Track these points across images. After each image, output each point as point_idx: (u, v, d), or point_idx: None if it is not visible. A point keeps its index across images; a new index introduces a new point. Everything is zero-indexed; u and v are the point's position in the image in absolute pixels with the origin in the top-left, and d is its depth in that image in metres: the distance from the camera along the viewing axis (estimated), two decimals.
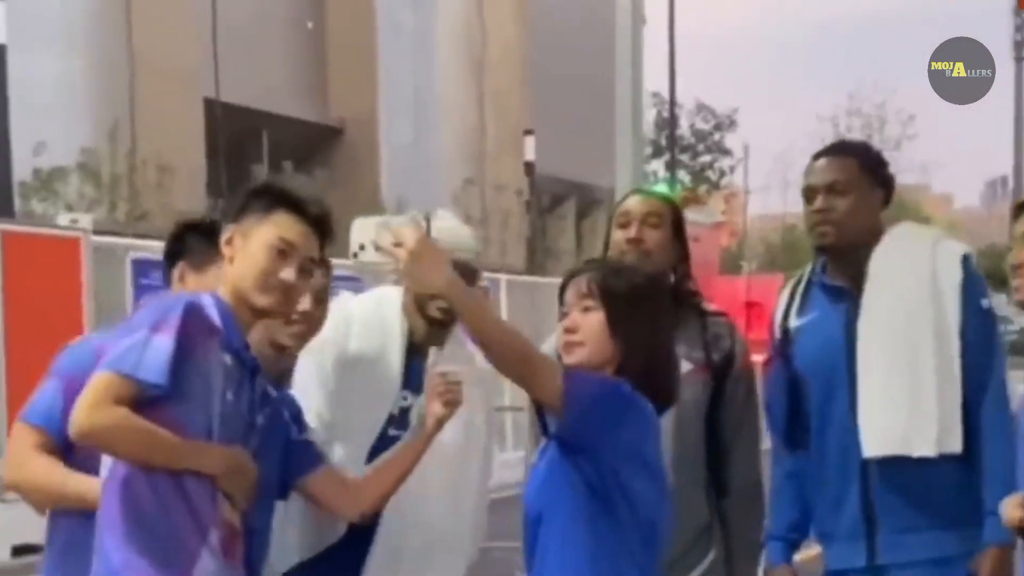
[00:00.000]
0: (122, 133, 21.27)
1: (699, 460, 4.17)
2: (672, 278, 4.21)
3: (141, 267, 12.62)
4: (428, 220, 3.21)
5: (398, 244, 3.14)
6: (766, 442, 4.31)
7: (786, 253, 46.61)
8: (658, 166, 46.60)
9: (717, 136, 55.26)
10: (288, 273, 3.29)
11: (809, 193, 4.14)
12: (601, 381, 3.27)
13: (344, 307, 4.05)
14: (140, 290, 12.44)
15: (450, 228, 4.04)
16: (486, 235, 31.36)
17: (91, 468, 3.36)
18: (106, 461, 3.29)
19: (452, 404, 3.74)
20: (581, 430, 3.21)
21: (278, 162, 25.25)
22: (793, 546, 4.24)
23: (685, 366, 4.02)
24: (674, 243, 4.21)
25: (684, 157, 53.02)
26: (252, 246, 3.31)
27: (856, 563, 4.07)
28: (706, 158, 55.03)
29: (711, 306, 4.32)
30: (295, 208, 3.34)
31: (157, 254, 13.54)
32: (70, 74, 21.46)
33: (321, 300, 3.71)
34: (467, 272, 3.96)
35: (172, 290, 3.63)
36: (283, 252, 3.30)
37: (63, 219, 12.94)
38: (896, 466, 3.97)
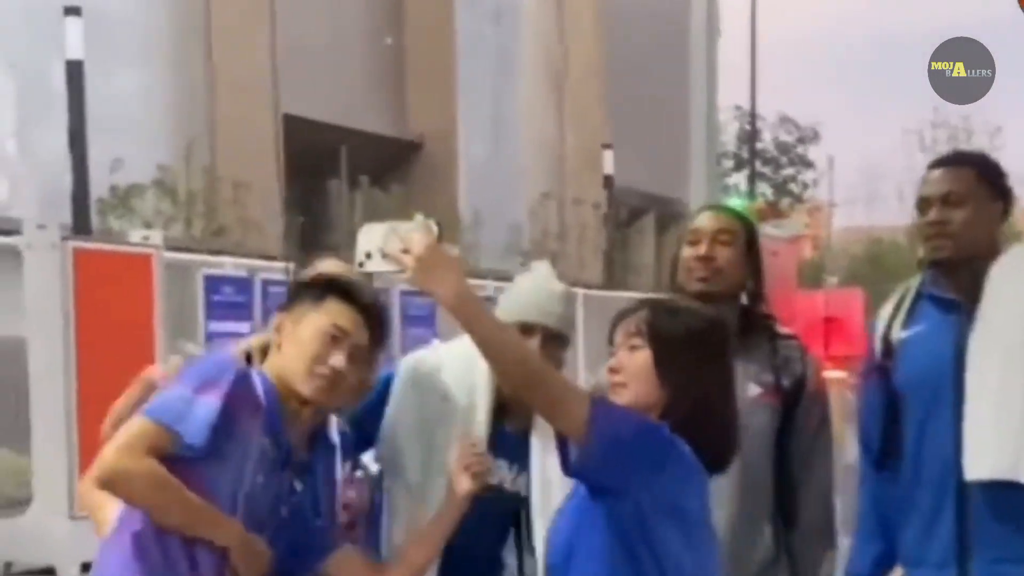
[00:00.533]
0: (199, 149, 21.34)
1: (766, 490, 4.00)
2: (744, 298, 4.07)
3: (213, 283, 12.63)
4: (440, 226, 3.05)
5: (406, 251, 2.98)
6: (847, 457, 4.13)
7: (870, 266, 46.05)
8: (740, 179, 46.30)
9: (800, 149, 54.84)
10: (338, 359, 3.29)
11: (923, 204, 3.97)
12: (638, 420, 3.05)
13: (434, 355, 3.90)
14: (212, 306, 12.45)
15: (535, 287, 3.85)
16: (563, 249, 31.24)
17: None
18: (117, 512, 3.27)
19: (479, 477, 3.57)
20: (604, 467, 3.00)
21: (356, 177, 25.19)
22: None
23: (753, 390, 3.94)
24: (746, 261, 4.07)
25: (767, 170, 52.63)
26: (304, 332, 3.32)
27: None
28: (789, 171, 54.63)
29: (783, 329, 4.15)
30: (347, 296, 3.34)
31: (229, 270, 13.69)
32: (148, 90, 21.59)
33: (358, 360, 3.46)
34: (555, 340, 3.79)
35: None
36: (336, 338, 3.30)
37: (136, 236, 12.94)
38: (999, 491, 3.78)
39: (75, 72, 14.90)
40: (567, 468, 3.06)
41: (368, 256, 3.01)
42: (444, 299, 2.92)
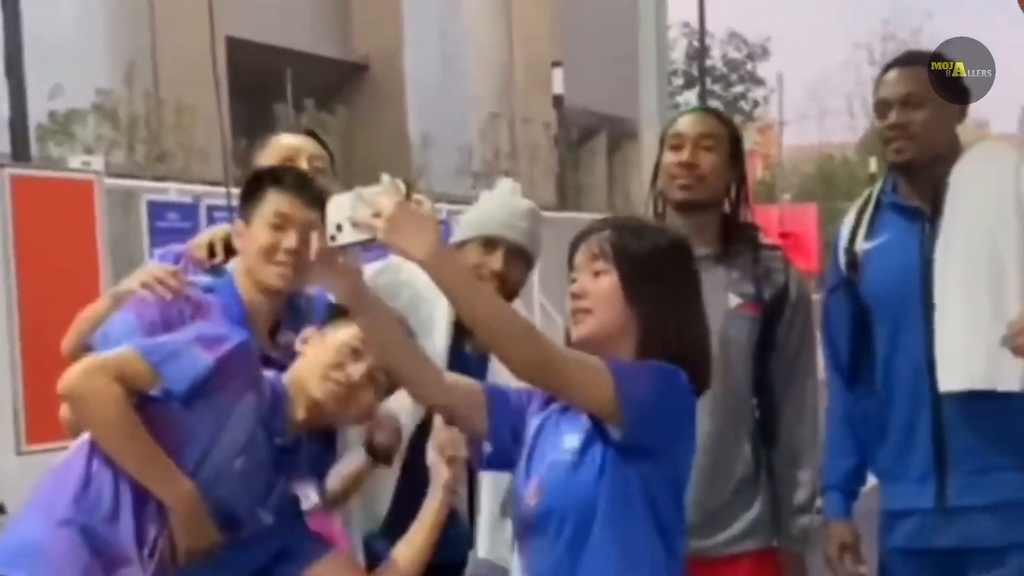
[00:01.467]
0: (140, 73, 20.98)
1: (746, 405, 3.89)
2: (727, 205, 3.95)
3: (157, 210, 12.42)
4: (408, 185, 2.83)
5: (377, 215, 2.78)
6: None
7: (821, 184, 46.18)
8: (690, 97, 46.22)
9: (750, 66, 54.84)
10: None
11: (882, 107, 3.85)
12: (657, 374, 2.83)
13: (397, 271, 3.79)
14: (157, 233, 12.25)
15: (500, 202, 3.74)
16: (514, 170, 31.04)
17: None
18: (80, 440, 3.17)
19: (453, 461, 3.37)
20: (647, 434, 2.80)
21: (301, 100, 24.89)
22: (852, 496, 3.98)
23: (733, 300, 3.83)
24: (730, 167, 3.92)
25: (716, 88, 52.59)
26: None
27: (923, 504, 3.80)
28: (739, 88, 54.66)
29: (766, 239, 4.01)
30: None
31: (173, 196, 13.43)
32: (86, 13, 21.17)
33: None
34: (518, 257, 3.65)
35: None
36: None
37: (76, 162, 12.68)
38: (974, 402, 3.68)
39: None
40: (606, 439, 2.83)
41: (339, 228, 2.85)
42: (419, 258, 2.71)
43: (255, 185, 3.54)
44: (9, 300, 10.65)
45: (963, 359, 3.67)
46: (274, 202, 3.48)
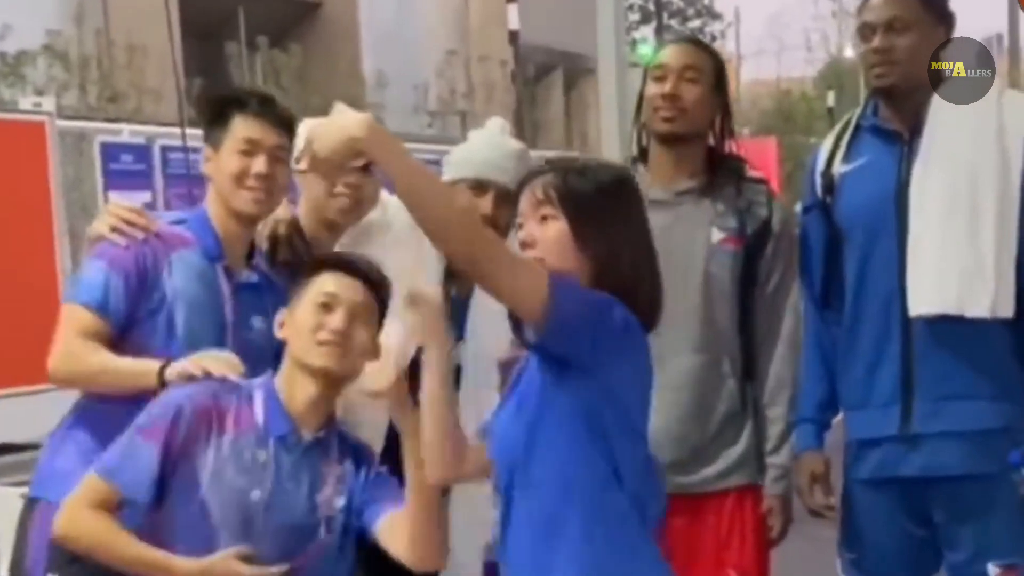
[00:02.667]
0: (90, 14, 20.72)
1: (730, 341, 3.84)
2: (711, 138, 3.89)
3: (110, 151, 12.25)
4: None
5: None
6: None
7: (780, 119, 46.17)
8: (647, 32, 46.06)
9: (707, 0, 54.64)
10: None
11: (865, 31, 3.78)
12: (595, 296, 2.78)
13: (384, 208, 3.71)
14: (110, 175, 12.09)
15: (489, 144, 3.70)
16: (471, 108, 30.89)
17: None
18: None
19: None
20: (569, 341, 2.73)
21: (254, 39, 24.64)
22: (824, 427, 3.93)
23: (717, 234, 3.78)
24: (714, 98, 3.86)
25: (673, 22, 52.41)
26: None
27: (887, 431, 3.75)
28: (696, 23, 54.48)
29: (751, 171, 3.94)
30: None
31: (126, 137, 13.18)
32: None
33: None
34: (507, 200, 3.55)
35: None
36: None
37: (26, 103, 12.48)
38: (943, 327, 3.64)
39: None
40: (523, 339, 2.78)
41: (297, 161, 2.84)
42: (354, 134, 2.62)
43: (220, 111, 3.47)
44: None
45: (935, 283, 3.63)
46: (241, 127, 3.41)
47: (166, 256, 3.36)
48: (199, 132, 3.57)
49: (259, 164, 3.39)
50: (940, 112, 3.71)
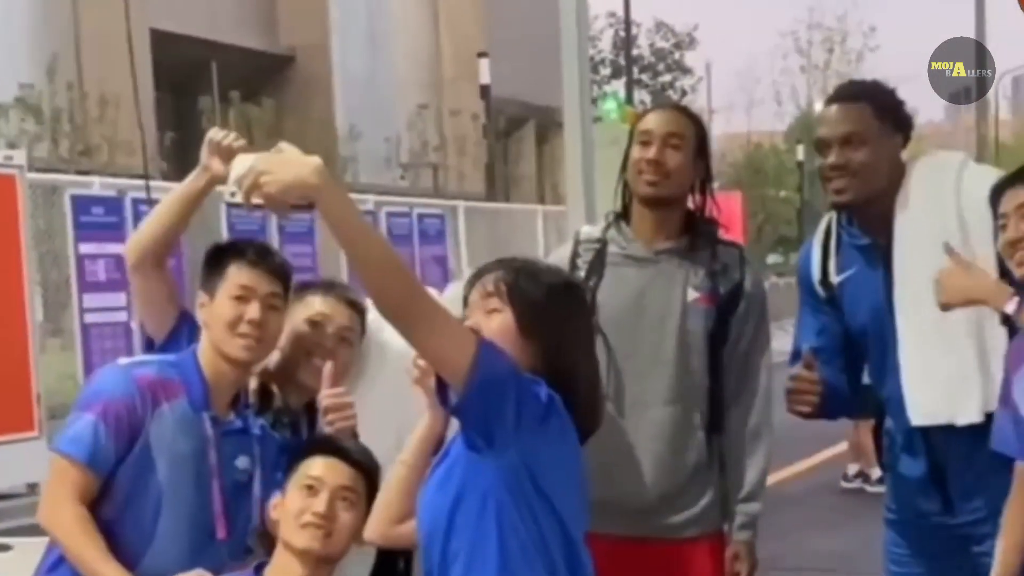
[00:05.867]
0: (63, 66, 20.78)
1: (701, 394, 3.95)
2: (690, 201, 4.01)
3: (81, 204, 12.25)
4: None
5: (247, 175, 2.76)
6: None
7: (751, 172, 46.47)
8: (618, 86, 46.31)
9: (677, 55, 55.00)
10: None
11: (822, 146, 3.82)
12: (518, 369, 2.80)
13: (378, 330, 3.75)
14: (81, 228, 12.11)
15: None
16: (443, 161, 31.03)
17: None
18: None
19: (341, 433, 3.50)
20: (488, 411, 2.75)
21: (227, 93, 24.73)
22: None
23: (692, 294, 3.91)
24: (696, 165, 3.99)
25: (644, 77, 52.70)
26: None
27: (929, 508, 3.88)
28: (666, 77, 54.79)
29: (725, 235, 4.07)
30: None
31: (98, 190, 13.14)
32: (8, 4, 20.93)
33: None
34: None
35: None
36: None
37: None
38: (948, 432, 3.74)
39: None
40: (446, 403, 2.83)
41: (232, 195, 2.86)
42: (312, 182, 2.65)
43: (217, 258, 3.54)
44: None
45: (925, 395, 3.72)
46: (236, 275, 3.48)
47: (154, 408, 3.43)
48: (166, 185, 3.61)
49: (253, 311, 3.45)
50: (904, 220, 3.75)
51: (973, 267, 3.54)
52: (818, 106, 50.27)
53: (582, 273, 3.89)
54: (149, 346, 3.73)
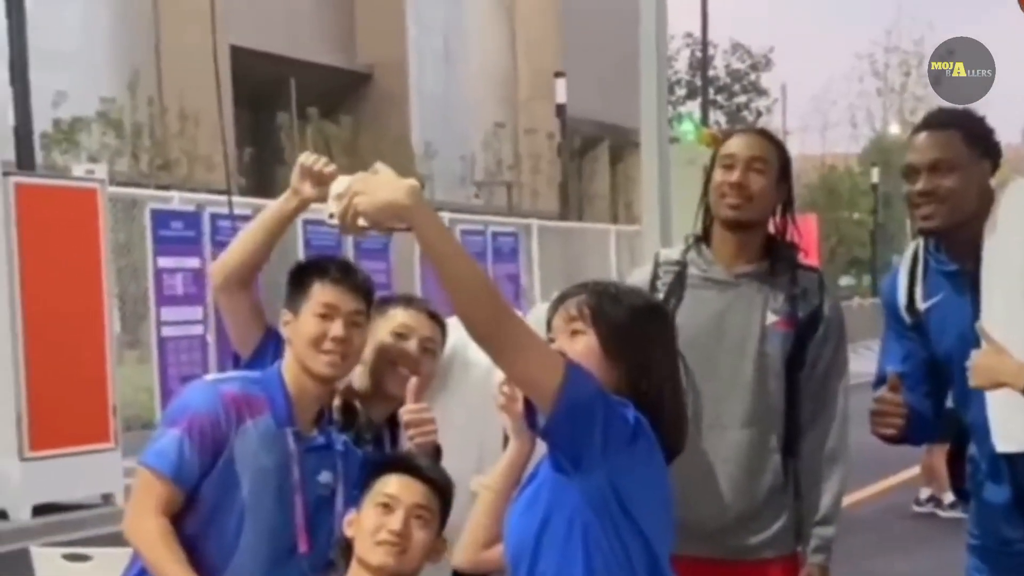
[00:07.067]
0: (144, 82, 21.04)
1: (778, 417, 3.97)
2: (772, 225, 4.03)
3: (160, 218, 12.43)
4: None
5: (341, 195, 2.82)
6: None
7: (825, 194, 46.24)
8: (693, 107, 46.24)
9: (753, 76, 54.83)
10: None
11: (911, 172, 3.79)
12: (610, 395, 2.82)
13: (463, 347, 3.81)
14: (160, 242, 12.27)
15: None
16: (517, 180, 31.10)
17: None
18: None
19: (422, 448, 3.55)
20: (575, 433, 2.76)
21: (305, 109, 24.93)
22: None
23: (771, 317, 3.94)
24: (778, 189, 4.01)
25: (719, 98, 52.59)
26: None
27: (1012, 535, 3.85)
28: (742, 98, 54.63)
29: (805, 260, 4.10)
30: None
31: (177, 204, 13.31)
32: (91, 21, 21.24)
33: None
34: None
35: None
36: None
37: (80, 170, 12.68)
38: None
39: (15, 5, 14.55)
40: (534, 425, 2.86)
41: (332, 216, 2.91)
42: (403, 202, 2.71)
43: (301, 276, 3.58)
44: (13, 308, 10.67)
45: (1007, 424, 3.71)
46: (320, 293, 3.53)
47: (239, 424, 3.48)
48: (248, 200, 3.66)
49: (336, 328, 3.48)
50: (991, 246, 3.74)
51: (1003, 351, 3.55)
52: (893, 128, 49.91)
53: (661, 295, 3.91)
54: (236, 362, 3.79)
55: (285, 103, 25.39)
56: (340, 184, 2.93)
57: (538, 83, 32.43)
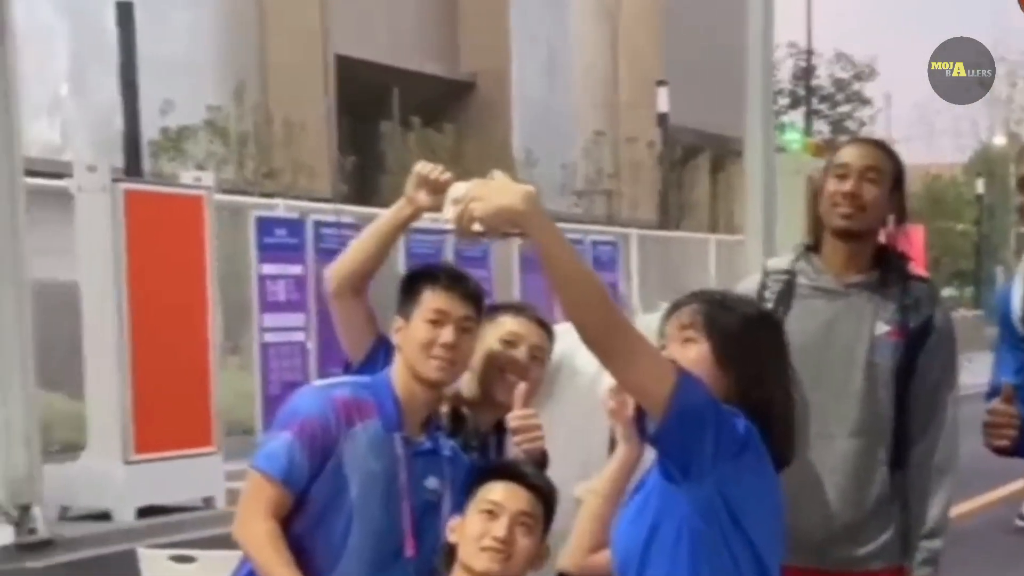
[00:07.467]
0: (250, 90, 21.26)
1: (886, 428, 3.95)
2: (883, 235, 4.03)
3: (265, 225, 12.54)
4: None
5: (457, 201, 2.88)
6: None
7: (929, 204, 45.69)
8: (796, 117, 45.95)
9: (856, 85, 54.34)
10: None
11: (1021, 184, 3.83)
12: (721, 404, 2.82)
13: (571, 355, 3.86)
14: (264, 249, 12.38)
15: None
16: (617, 188, 31.04)
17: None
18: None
19: (529, 454, 3.57)
20: (684, 442, 2.77)
21: (408, 118, 25.06)
22: None
23: (881, 328, 3.93)
24: (891, 199, 4.01)
25: (823, 107, 52.17)
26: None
27: None
28: (845, 108, 54.17)
29: (916, 270, 4.09)
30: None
31: (281, 212, 13.46)
32: (199, 31, 21.52)
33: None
34: None
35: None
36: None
37: (187, 177, 12.86)
38: None
39: (126, 14, 14.80)
40: (643, 433, 2.88)
41: (447, 221, 2.97)
42: (519, 208, 2.73)
43: (413, 283, 3.63)
44: (120, 313, 10.82)
45: None
46: (431, 299, 3.57)
47: (348, 428, 3.53)
48: (350, 208, 3.69)
49: (447, 334, 3.52)
50: None
51: None
52: (999, 139, 49.19)
53: (770, 304, 3.89)
54: (346, 368, 3.82)
55: (388, 112, 25.55)
56: (457, 190, 2.99)
57: (639, 91, 32.36)
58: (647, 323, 3.12)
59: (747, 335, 2.96)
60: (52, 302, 11.92)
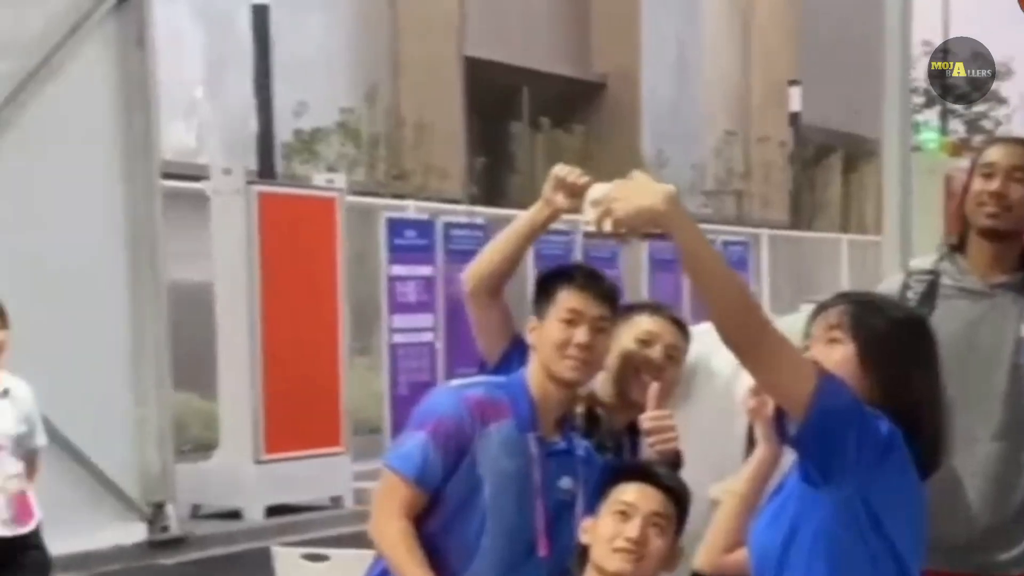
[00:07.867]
0: (382, 92, 21.42)
1: None
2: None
3: (396, 226, 12.63)
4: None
5: (597, 202, 2.86)
6: None
7: None
8: (931, 115, 45.32)
9: (992, 84, 53.48)
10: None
11: None
12: (864, 405, 2.77)
13: (708, 356, 3.86)
14: (395, 250, 12.46)
15: None
16: (748, 188, 30.80)
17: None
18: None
19: (663, 455, 3.56)
20: (825, 444, 2.71)
21: (537, 119, 25.09)
22: None
23: None
24: None
25: (958, 106, 51.43)
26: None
27: None
28: (981, 107, 53.32)
29: None
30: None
31: (411, 213, 13.62)
32: (332, 34, 21.71)
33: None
34: None
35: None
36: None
37: (319, 179, 13.00)
38: None
39: (261, 17, 14.99)
40: (784, 434, 2.83)
41: (588, 223, 2.96)
42: (660, 208, 2.70)
43: (548, 283, 3.63)
44: (252, 313, 10.98)
45: None
46: (566, 299, 3.56)
47: (482, 428, 3.54)
48: (480, 209, 3.69)
49: (581, 334, 3.52)
50: None
51: None
52: None
53: (912, 305, 3.84)
54: (481, 369, 3.83)
55: (518, 112, 25.59)
56: (597, 191, 2.99)
57: (771, 91, 32.09)
58: (788, 324, 3.08)
59: (893, 338, 2.89)
60: (187, 303, 12.10)
